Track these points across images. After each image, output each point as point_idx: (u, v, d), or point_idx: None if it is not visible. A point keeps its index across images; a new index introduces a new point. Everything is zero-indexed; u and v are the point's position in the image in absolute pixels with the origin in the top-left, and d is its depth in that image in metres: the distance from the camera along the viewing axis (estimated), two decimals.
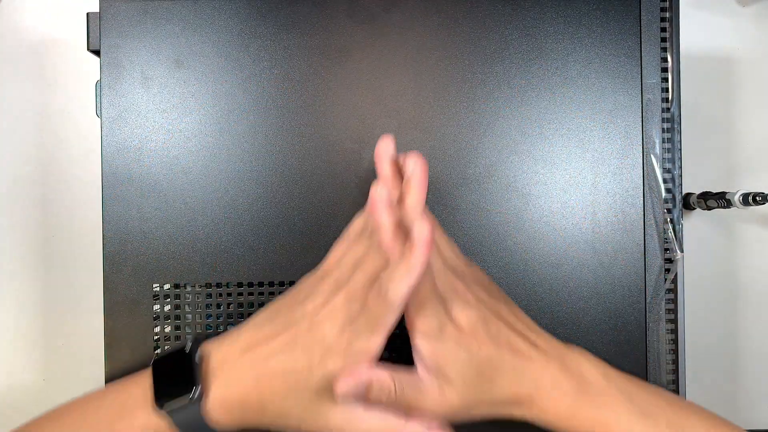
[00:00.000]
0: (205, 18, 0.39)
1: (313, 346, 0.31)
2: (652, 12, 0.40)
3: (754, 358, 0.51)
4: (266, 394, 0.31)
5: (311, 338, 0.31)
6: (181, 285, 0.39)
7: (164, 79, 0.39)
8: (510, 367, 0.32)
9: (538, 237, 0.39)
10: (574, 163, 0.39)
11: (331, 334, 0.31)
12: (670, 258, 0.40)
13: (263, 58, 0.39)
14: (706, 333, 0.51)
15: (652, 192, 0.40)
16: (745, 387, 0.51)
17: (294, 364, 0.31)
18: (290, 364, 0.31)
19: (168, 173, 0.39)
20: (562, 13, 0.40)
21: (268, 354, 0.32)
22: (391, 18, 0.39)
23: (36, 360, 0.49)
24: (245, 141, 0.39)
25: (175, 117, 0.39)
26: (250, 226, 0.39)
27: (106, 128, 0.39)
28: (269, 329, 0.33)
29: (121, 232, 0.39)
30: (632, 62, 0.40)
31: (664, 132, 0.40)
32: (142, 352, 0.38)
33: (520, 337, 0.34)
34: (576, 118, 0.40)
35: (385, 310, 0.31)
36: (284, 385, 0.31)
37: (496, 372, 0.32)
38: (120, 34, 0.39)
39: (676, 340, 0.40)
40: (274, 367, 0.31)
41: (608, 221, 0.39)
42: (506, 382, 0.32)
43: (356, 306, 0.32)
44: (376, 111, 0.39)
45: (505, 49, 0.40)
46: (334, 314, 0.32)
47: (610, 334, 0.39)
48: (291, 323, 0.32)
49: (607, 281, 0.39)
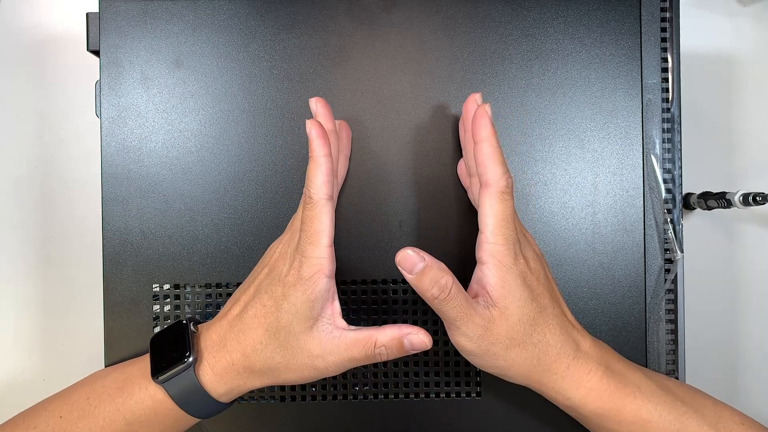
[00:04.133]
0: (205, 18, 0.39)
1: (273, 285, 0.33)
2: (652, 12, 0.40)
3: (753, 357, 0.51)
4: (248, 349, 0.33)
5: (271, 280, 0.33)
6: (180, 285, 0.39)
7: (164, 79, 0.39)
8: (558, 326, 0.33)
9: (538, 237, 0.39)
10: (574, 163, 0.39)
11: (285, 268, 0.33)
12: (670, 258, 0.40)
13: (263, 58, 0.39)
14: (706, 333, 0.51)
15: (652, 192, 0.40)
16: (745, 387, 0.51)
17: (263, 309, 0.33)
18: (260, 310, 0.33)
19: (168, 173, 0.39)
20: (562, 14, 0.40)
21: (240, 310, 0.34)
22: (391, 18, 0.39)
23: (36, 360, 0.49)
24: (245, 141, 0.39)
25: (174, 117, 0.39)
26: (250, 226, 0.39)
27: (105, 128, 0.39)
28: (239, 292, 0.35)
29: (121, 232, 0.39)
30: (632, 62, 0.40)
31: (664, 132, 0.40)
32: (142, 352, 0.38)
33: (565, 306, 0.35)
34: (576, 118, 0.40)
35: (313, 213, 0.31)
36: (260, 333, 0.33)
37: (548, 325, 0.33)
38: (120, 34, 0.39)
39: (676, 340, 0.40)
40: (247, 319, 0.33)
41: (608, 221, 0.39)
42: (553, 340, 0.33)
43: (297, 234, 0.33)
44: (376, 111, 0.39)
45: (505, 49, 0.40)
46: (283, 251, 0.34)
47: (610, 334, 0.39)
48: (254, 278, 0.35)
49: (607, 281, 0.39)
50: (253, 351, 0.33)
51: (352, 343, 0.32)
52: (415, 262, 0.31)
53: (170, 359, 0.34)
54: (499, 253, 0.32)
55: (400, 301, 0.39)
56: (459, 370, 0.39)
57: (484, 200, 0.32)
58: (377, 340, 0.33)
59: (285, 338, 0.32)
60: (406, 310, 0.39)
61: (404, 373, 0.39)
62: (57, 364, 0.49)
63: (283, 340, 0.32)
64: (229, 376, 0.33)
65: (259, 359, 0.33)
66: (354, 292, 0.39)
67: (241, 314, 0.34)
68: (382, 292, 0.39)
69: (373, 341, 0.33)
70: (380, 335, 0.33)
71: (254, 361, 0.33)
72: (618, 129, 0.40)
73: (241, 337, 0.33)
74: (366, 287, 0.39)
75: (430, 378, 0.39)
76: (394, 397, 0.39)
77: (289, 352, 0.33)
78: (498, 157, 0.32)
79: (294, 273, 0.32)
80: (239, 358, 0.33)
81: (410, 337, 0.33)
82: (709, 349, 0.51)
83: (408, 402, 0.39)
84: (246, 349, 0.33)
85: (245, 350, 0.33)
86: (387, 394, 0.39)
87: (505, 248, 0.32)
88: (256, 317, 0.33)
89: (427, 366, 0.39)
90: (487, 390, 0.39)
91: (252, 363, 0.33)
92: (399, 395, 0.39)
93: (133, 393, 0.34)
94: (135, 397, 0.34)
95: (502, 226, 0.32)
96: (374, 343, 0.33)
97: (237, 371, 0.33)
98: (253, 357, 0.33)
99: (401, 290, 0.39)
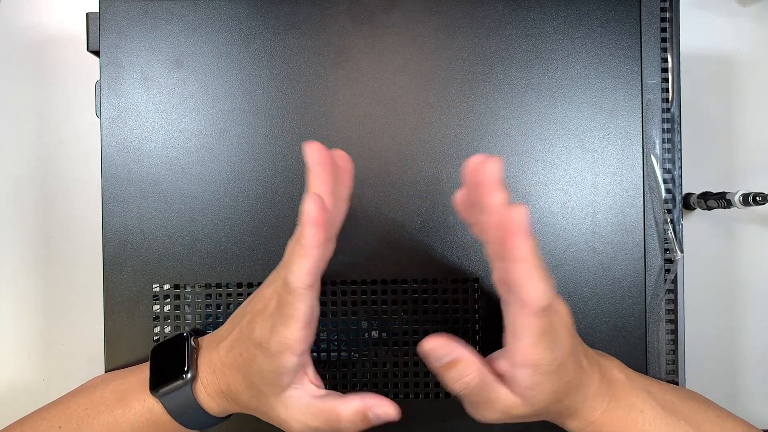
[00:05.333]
0: (205, 18, 0.39)
1: (249, 341, 0.32)
2: (652, 12, 0.40)
3: (753, 358, 0.51)
4: (231, 385, 0.33)
5: (247, 334, 0.32)
6: (180, 285, 0.39)
7: (164, 79, 0.39)
8: (575, 388, 0.32)
9: (538, 237, 0.39)
10: (574, 163, 0.39)
11: (258, 331, 0.31)
12: (670, 258, 0.40)
13: (263, 58, 0.39)
14: (706, 333, 0.51)
15: (652, 192, 0.40)
16: (744, 387, 0.51)
17: (240, 359, 0.32)
18: (238, 358, 0.32)
19: (168, 173, 0.39)
20: (562, 14, 0.40)
21: (227, 347, 0.33)
22: (391, 18, 0.39)
23: (36, 360, 0.49)
24: (245, 141, 0.39)
25: (174, 117, 0.39)
26: (250, 226, 0.39)
27: (105, 128, 0.39)
28: (233, 323, 0.34)
29: (121, 232, 0.39)
30: (632, 62, 0.40)
31: (664, 132, 0.40)
32: (142, 352, 0.38)
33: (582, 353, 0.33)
34: (576, 118, 0.39)
35: (289, 299, 0.30)
36: (239, 378, 0.33)
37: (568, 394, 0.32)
38: (120, 34, 0.39)
39: (676, 340, 0.40)
40: (231, 360, 0.33)
41: (608, 221, 0.39)
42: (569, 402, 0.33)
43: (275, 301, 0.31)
44: (376, 111, 0.39)
45: (505, 50, 0.40)
46: (263, 310, 0.32)
47: (610, 334, 0.39)
48: (240, 319, 0.34)
49: (607, 281, 0.39)
50: (235, 389, 0.33)
51: (317, 413, 0.32)
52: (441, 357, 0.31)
53: (169, 374, 0.33)
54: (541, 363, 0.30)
55: (399, 302, 0.39)
56: None
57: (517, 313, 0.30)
58: (340, 414, 0.31)
59: (257, 394, 0.32)
60: (406, 311, 0.39)
61: (404, 373, 0.39)
62: (57, 364, 0.49)
63: (256, 395, 0.32)
64: (221, 400, 0.34)
65: (241, 399, 0.33)
66: (354, 293, 0.39)
67: (228, 350, 0.33)
68: (382, 293, 0.39)
69: (336, 415, 0.31)
70: (343, 409, 0.31)
71: (237, 398, 0.33)
72: (618, 129, 0.40)
73: (226, 371, 0.33)
74: (366, 287, 0.39)
75: (429, 378, 0.39)
76: (394, 397, 0.39)
77: (261, 406, 0.33)
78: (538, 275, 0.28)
79: (265, 342, 0.30)
80: (226, 389, 0.33)
81: (375, 410, 0.32)
82: (709, 349, 0.51)
83: (408, 402, 0.39)
84: (230, 385, 0.33)
85: (230, 385, 0.33)
86: (387, 394, 0.39)
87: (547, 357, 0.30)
88: (236, 362, 0.32)
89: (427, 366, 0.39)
90: None
91: (236, 399, 0.33)
92: (399, 395, 0.39)
93: (132, 405, 0.34)
94: (133, 410, 0.34)
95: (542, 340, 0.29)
96: (337, 417, 0.31)
97: (226, 399, 0.34)
98: (236, 395, 0.33)
99: (401, 290, 0.39)
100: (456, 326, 0.39)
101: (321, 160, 0.31)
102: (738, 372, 0.51)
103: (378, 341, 0.39)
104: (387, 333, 0.39)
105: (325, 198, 0.30)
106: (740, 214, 0.52)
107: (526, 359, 0.30)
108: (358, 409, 0.32)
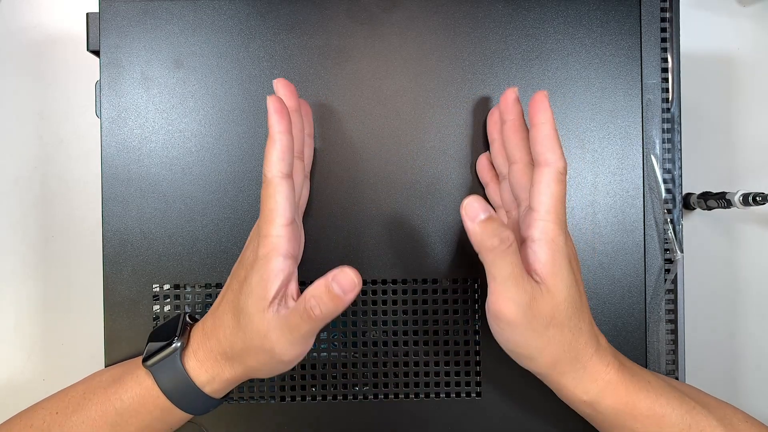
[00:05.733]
0: (205, 18, 0.39)
1: (239, 269, 0.34)
2: (652, 12, 0.40)
3: (753, 358, 0.51)
4: (220, 333, 0.34)
5: (238, 265, 0.35)
6: (180, 285, 0.39)
7: (164, 79, 0.39)
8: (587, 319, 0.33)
9: None
10: (574, 163, 0.39)
11: (249, 254, 0.34)
12: (670, 258, 0.40)
13: (263, 58, 0.39)
14: (706, 333, 0.51)
15: (652, 192, 0.40)
16: (744, 387, 0.51)
17: (231, 294, 0.34)
18: (229, 294, 0.34)
19: (168, 173, 0.39)
20: (562, 13, 0.40)
21: (220, 299, 0.35)
22: (391, 18, 0.39)
23: (36, 360, 0.49)
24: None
25: (174, 117, 0.39)
26: (250, 226, 0.39)
27: (105, 128, 0.39)
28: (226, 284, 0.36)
29: (121, 232, 0.39)
30: (632, 62, 0.40)
31: (664, 132, 0.40)
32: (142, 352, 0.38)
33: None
34: (576, 118, 0.40)
35: (268, 192, 0.31)
36: (229, 316, 0.33)
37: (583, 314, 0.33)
38: (120, 35, 0.39)
39: (676, 340, 0.40)
40: (222, 306, 0.34)
41: (608, 221, 0.39)
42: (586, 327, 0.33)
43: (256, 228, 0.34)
44: (376, 111, 0.39)
45: (505, 50, 0.40)
46: (252, 236, 0.35)
47: (610, 334, 0.39)
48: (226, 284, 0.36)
49: (607, 281, 0.39)
50: (224, 335, 0.33)
51: (290, 312, 0.31)
52: (479, 211, 0.30)
53: (161, 345, 0.34)
54: (553, 231, 0.32)
55: (399, 302, 0.39)
56: (459, 370, 0.39)
57: (540, 179, 0.32)
58: (306, 296, 0.31)
59: (244, 320, 0.32)
60: (405, 311, 0.39)
61: (404, 373, 0.39)
62: (57, 364, 0.49)
63: (243, 323, 0.32)
64: (209, 363, 0.34)
65: (228, 343, 0.33)
66: None
67: (219, 303, 0.35)
68: (382, 292, 0.39)
69: (304, 300, 0.31)
70: (308, 289, 0.31)
71: (225, 345, 0.33)
72: (618, 129, 0.40)
73: (217, 322, 0.34)
74: (366, 287, 0.39)
75: (430, 378, 0.39)
76: (394, 397, 0.39)
77: (246, 335, 0.32)
78: (558, 140, 0.33)
79: (252, 254, 0.33)
80: (215, 344, 0.34)
81: (337, 278, 0.30)
82: (709, 349, 0.51)
83: (408, 402, 0.39)
84: (219, 334, 0.34)
85: (218, 335, 0.34)
86: (387, 394, 0.39)
87: (558, 227, 0.32)
88: (227, 302, 0.34)
89: (427, 366, 0.39)
90: (487, 390, 0.39)
91: (224, 348, 0.33)
92: (399, 395, 0.39)
93: (124, 382, 0.35)
94: (126, 386, 0.34)
95: (557, 206, 0.32)
96: (306, 300, 0.31)
97: (214, 357, 0.34)
98: (224, 341, 0.33)
99: (401, 290, 0.39)
100: (456, 326, 0.39)
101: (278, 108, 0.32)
102: (738, 372, 0.52)
103: (378, 341, 0.39)
104: (387, 333, 0.39)
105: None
106: (740, 214, 0.52)
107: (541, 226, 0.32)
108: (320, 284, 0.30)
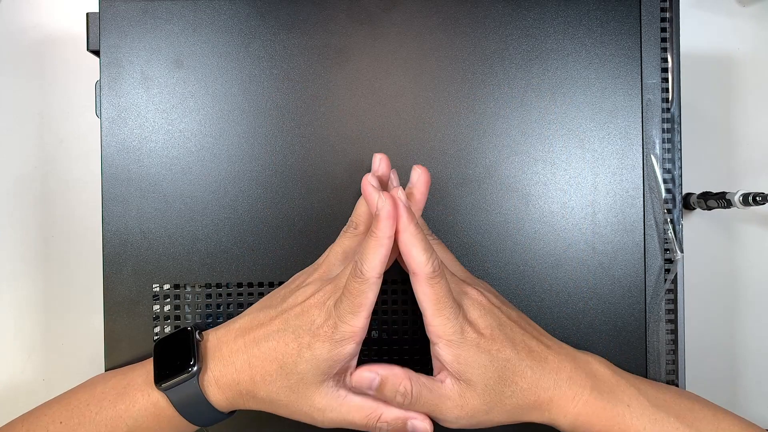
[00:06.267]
0: (205, 18, 0.39)
1: (302, 331, 0.33)
2: (652, 12, 0.40)
3: (753, 358, 0.51)
4: (257, 377, 0.33)
5: (300, 324, 0.33)
6: (180, 285, 0.39)
7: (164, 79, 0.39)
8: (528, 368, 0.33)
9: (538, 237, 0.39)
10: (574, 163, 0.39)
11: (319, 320, 0.33)
12: (670, 258, 0.40)
13: (263, 58, 0.39)
14: (706, 333, 0.51)
15: (652, 192, 0.40)
16: (744, 387, 0.51)
17: (284, 348, 0.33)
18: (281, 347, 0.33)
19: (168, 173, 0.39)
20: (562, 13, 0.40)
21: (260, 338, 0.34)
22: (391, 18, 0.39)
23: (36, 360, 0.49)
24: (245, 141, 0.39)
25: (174, 117, 0.39)
26: (250, 226, 0.39)
27: (105, 128, 0.39)
28: (263, 316, 0.35)
29: (121, 232, 0.39)
30: (632, 62, 0.40)
31: (664, 132, 0.40)
32: (142, 352, 0.38)
33: (534, 339, 0.35)
34: (576, 118, 0.40)
35: (362, 288, 0.32)
36: (273, 368, 0.33)
37: (516, 374, 0.33)
38: (120, 34, 0.39)
39: (675, 340, 0.40)
40: (265, 350, 0.33)
41: (608, 221, 0.39)
42: (526, 384, 0.33)
43: (340, 293, 0.33)
44: (376, 111, 0.39)
45: (505, 49, 0.40)
46: (321, 300, 0.33)
47: (610, 334, 0.39)
48: (283, 311, 0.34)
49: (607, 281, 0.39)
50: (262, 381, 0.33)
51: (356, 409, 0.33)
52: (370, 381, 0.33)
53: (174, 367, 0.34)
54: (445, 333, 0.33)
55: (399, 302, 0.39)
56: None
57: (416, 287, 0.33)
58: (382, 414, 0.33)
59: (296, 383, 0.33)
60: (405, 311, 0.39)
61: None
62: (57, 364, 0.49)
63: (293, 384, 0.33)
64: (232, 392, 0.34)
65: (265, 391, 0.33)
66: None
67: (259, 341, 0.34)
68: (383, 292, 0.39)
69: (378, 414, 0.33)
70: (386, 411, 0.33)
71: (260, 389, 0.33)
72: (618, 129, 0.40)
73: (254, 362, 0.33)
74: None
75: None
76: None
77: (294, 396, 0.33)
78: (419, 245, 0.32)
79: (327, 330, 0.32)
80: (246, 381, 0.33)
81: (414, 422, 0.34)
82: (709, 350, 0.51)
83: None
84: (255, 376, 0.33)
85: (254, 377, 0.33)
86: None
87: (448, 327, 0.33)
88: (276, 351, 0.33)
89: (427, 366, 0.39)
90: None
91: (257, 390, 0.33)
92: None
93: (135, 399, 0.34)
94: (137, 404, 0.34)
95: (439, 308, 0.32)
96: (378, 416, 0.33)
97: (240, 391, 0.34)
98: (261, 386, 0.33)
99: (401, 290, 0.39)
100: None
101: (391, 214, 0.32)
102: (738, 372, 0.51)
103: (378, 341, 0.39)
104: (387, 333, 0.39)
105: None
106: (740, 214, 0.52)
107: (432, 330, 0.33)
108: (400, 416, 0.33)
